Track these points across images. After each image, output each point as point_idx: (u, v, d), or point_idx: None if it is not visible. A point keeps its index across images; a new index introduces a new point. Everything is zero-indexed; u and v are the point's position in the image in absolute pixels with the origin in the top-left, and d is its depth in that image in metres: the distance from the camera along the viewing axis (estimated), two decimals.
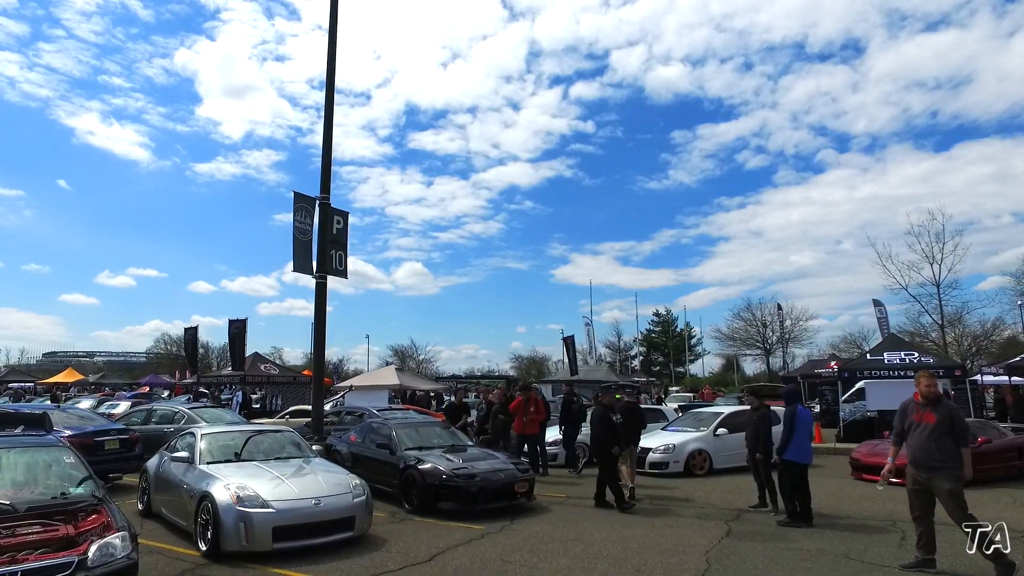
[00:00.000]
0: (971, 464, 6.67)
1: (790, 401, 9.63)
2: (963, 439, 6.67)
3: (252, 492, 7.38)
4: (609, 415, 10.57)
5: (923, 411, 6.75)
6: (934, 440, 6.55)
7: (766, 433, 10.04)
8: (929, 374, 7.10)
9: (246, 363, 25.88)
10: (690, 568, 6.86)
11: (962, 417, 6.78)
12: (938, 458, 6.56)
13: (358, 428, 12.27)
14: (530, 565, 6.96)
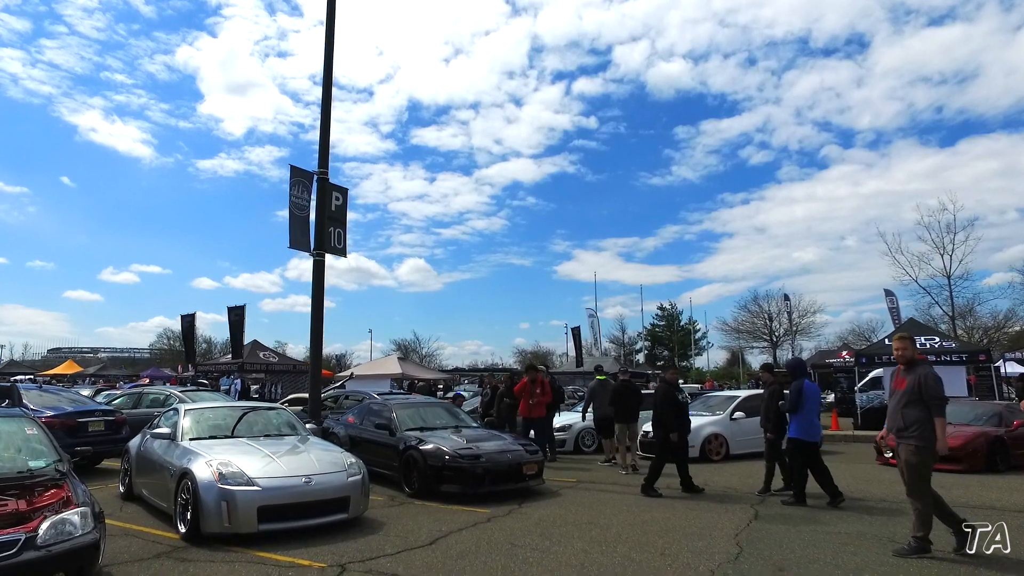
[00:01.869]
0: (944, 437, 5.99)
1: (796, 375, 8.98)
2: (933, 407, 6.05)
3: (236, 469, 6.70)
4: (674, 393, 9.74)
5: (900, 377, 6.39)
6: (902, 407, 6.18)
7: (775, 411, 9.37)
8: (901, 336, 6.61)
9: (244, 351, 25.26)
10: (720, 551, 6.17)
11: (935, 384, 6.11)
12: (902, 426, 6.15)
13: (356, 410, 11.58)
14: (542, 549, 6.27)
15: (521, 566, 5.68)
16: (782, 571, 5.55)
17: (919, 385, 6.12)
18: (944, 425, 6.04)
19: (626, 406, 12.14)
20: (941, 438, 5.98)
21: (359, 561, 5.84)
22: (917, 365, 6.36)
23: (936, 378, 6.18)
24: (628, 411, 12.16)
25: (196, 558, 5.99)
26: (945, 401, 6.12)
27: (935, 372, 6.31)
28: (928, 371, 6.25)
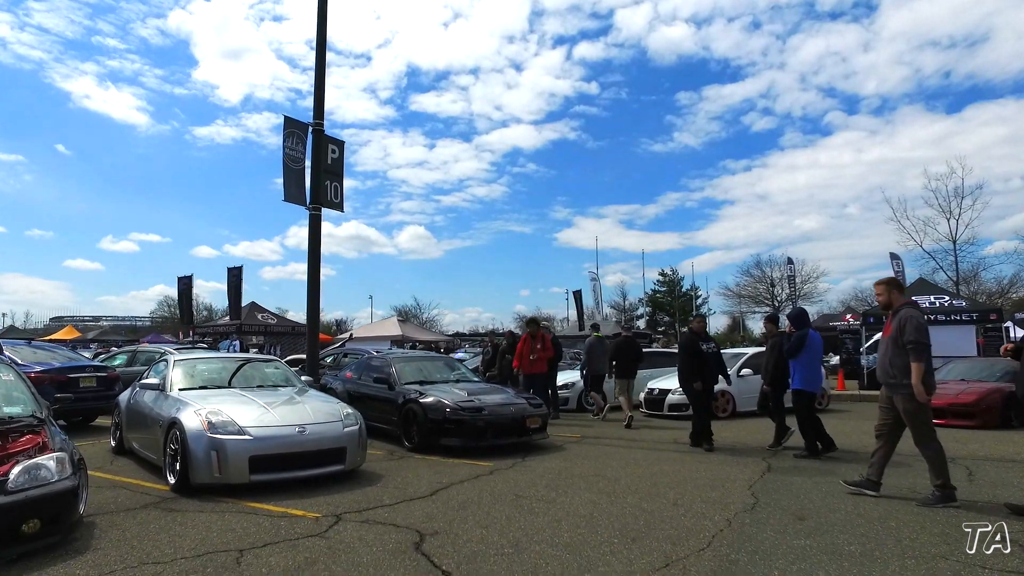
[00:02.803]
0: (920, 382, 5.66)
1: (799, 324, 8.64)
2: (912, 352, 5.71)
3: (226, 417, 6.38)
4: (696, 343, 9.33)
5: (887, 324, 6.12)
6: (890, 354, 5.91)
7: (775, 363, 9.03)
8: (880, 281, 6.27)
9: (243, 313, 24.94)
10: (736, 502, 5.87)
11: (916, 326, 5.76)
12: (891, 374, 5.89)
13: (354, 365, 11.25)
14: (548, 500, 5.97)
15: (527, 516, 5.38)
16: (803, 520, 5.25)
17: (900, 329, 5.81)
18: (920, 370, 5.68)
19: (626, 361, 12.15)
20: (916, 384, 5.66)
21: (355, 511, 5.54)
22: (900, 309, 6.00)
23: (917, 321, 5.84)
24: (627, 367, 12.16)
25: (185, 508, 5.69)
26: (923, 345, 5.77)
27: (918, 316, 5.94)
28: (910, 314, 5.90)
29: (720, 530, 4.96)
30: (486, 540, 4.70)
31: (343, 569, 4.10)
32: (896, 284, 6.28)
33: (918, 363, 5.69)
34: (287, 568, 4.12)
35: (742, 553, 4.40)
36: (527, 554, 4.38)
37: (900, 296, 6.18)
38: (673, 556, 4.34)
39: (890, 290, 6.17)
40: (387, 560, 4.27)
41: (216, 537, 4.81)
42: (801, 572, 4.02)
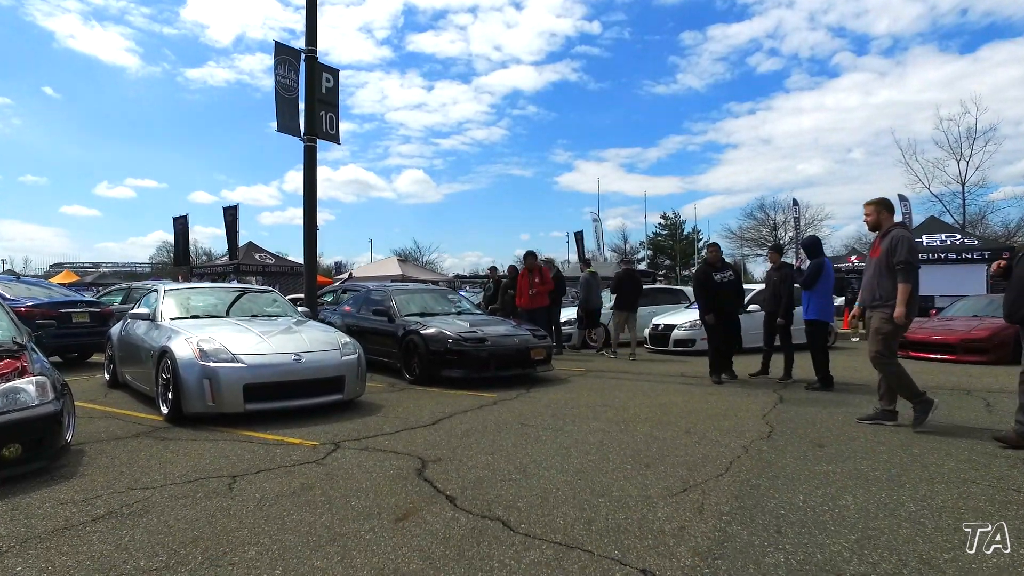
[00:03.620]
0: (905, 304, 5.42)
1: (813, 253, 8.30)
2: (901, 272, 5.45)
3: (218, 345, 6.10)
4: (708, 274, 9.03)
5: (875, 246, 5.88)
6: (875, 276, 5.71)
7: (788, 295, 8.73)
8: (870, 201, 5.90)
9: (240, 253, 24.61)
10: (750, 430, 5.63)
11: (909, 247, 5.48)
12: (877, 296, 5.67)
13: (353, 299, 10.94)
14: (556, 428, 5.74)
15: (533, 444, 5.15)
16: (822, 447, 5.01)
17: (890, 250, 5.52)
18: (907, 291, 5.45)
19: (627, 295, 12.09)
20: (902, 305, 5.43)
21: (354, 439, 5.31)
22: (891, 230, 5.70)
23: (910, 242, 5.54)
24: (628, 300, 12.09)
25: (178, 437, 5.46)
26: (914, 266, 5.49)
27: (910, 236, 5.66)
28: (902, 234, 5.61)
29: (737, 456, 4.73)
30: (492, 466, 4.46)
31: (340, 494, 3.86)
32: (886, 204, 5.92)
33: (906, 284, 5.46)
34: (281, 493, 3.89)
35: (763, 479, 4.17)
36: (536, 480, 4.15)
37: (890, 217, 5.89)
38: (691, 481, 4.11)
39: (880, 210, 5.85)
40: (387, 485, 4.03)
41: (208, 464, 4.58)
42: (827, 497, 3.78)
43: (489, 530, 3.27)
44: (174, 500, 3.78)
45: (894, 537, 3.16)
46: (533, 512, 3.53)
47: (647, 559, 2.91)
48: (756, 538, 3.16)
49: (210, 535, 3.23)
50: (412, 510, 3.57)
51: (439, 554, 2.97)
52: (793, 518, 3.43)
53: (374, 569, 2.82)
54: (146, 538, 3.19)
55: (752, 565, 2.84)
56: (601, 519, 3.42)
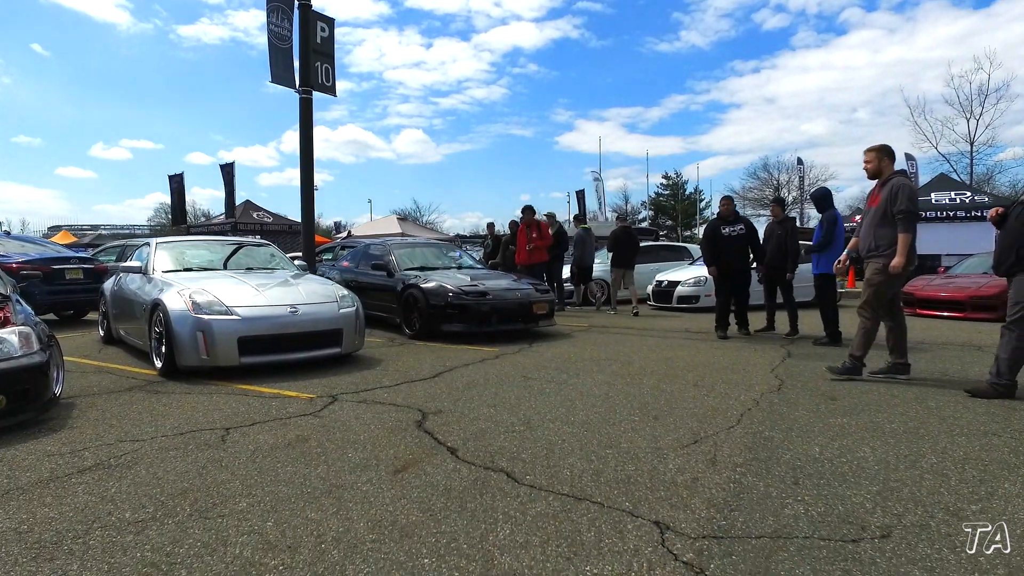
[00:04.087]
0: (905, 254, 5.22)
1: (824, 206, 8.05)
2: (901, 222, 5.23)
3: (212, 297, 5.91)
4: (716, 227, 8.82)
5: (873, 194, 5.65)
6: (874, 226, 5.49)
7: (794, 249, 8.50)
8: (871, 148, 5.62)
9: (237, 211, 24.30)
10: (760, 384, 5.48)
11: (909, 195, 5.25)
12: (872, 245, 5.48)
13: (351, 254, 10.72)
14: (560, 381, 5.58)
15: (537, 396, 4.99)
16: (835, 400, 4.86)
17: (890, 198, 5.28)
18: (907, 241, 5.24)
19: (623, 252, 12.02)
20: (902, 255, 5.23)
21: (352, 392, 5.16)
22: (892, 178, 5.45)
23: (911, 190, 5.31)
24: (625, 257, 12.03)
25: (171, 391, 5.31)
26: (915, 215, 5.27)
27: (911, 184, 5.43)
28: (902, 182, 5.37)
29: (748, 409, 4.58)
30: (494, 419, 4.31)
31: (337, 446, 3.71)
32: (887, 152, 5.64)
33: (906, 233, 5.25)
34: (275, 445, 3.74)
35: (776, 431, 4.01)
36: (540, 431, 3.99)
37: (891, 165, 5.62)
38: (701, 433, 3.95)
39: (881, 157, 5.58)
40: (386, 437, 3.88)
41: (201, 416, 4.43)
42: (844, 449, 3.63)
43: (492, 481, 3.11)
44: (164, 452, 3.63)
45: (917, 489, 3.01)
46: (538, 463, 3.38)
47: (660, 511, 2.76)
48: (773, 489, 3.00)
49: (200, 487, 3.08)
50: (411, 462, 3.42)
51: (440, 506, 2.82)
52: (810, 470, 3.28)
53: (371, 521, 2.66)
54: (133, 489, 3.05)
55: (771, 517, 2.69)
56: (610, 470, 3.27)
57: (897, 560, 2.31)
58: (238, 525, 2.64)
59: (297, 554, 2.38)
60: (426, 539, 2.50)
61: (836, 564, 2.28)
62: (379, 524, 2.63)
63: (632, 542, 2.46)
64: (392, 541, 2.48)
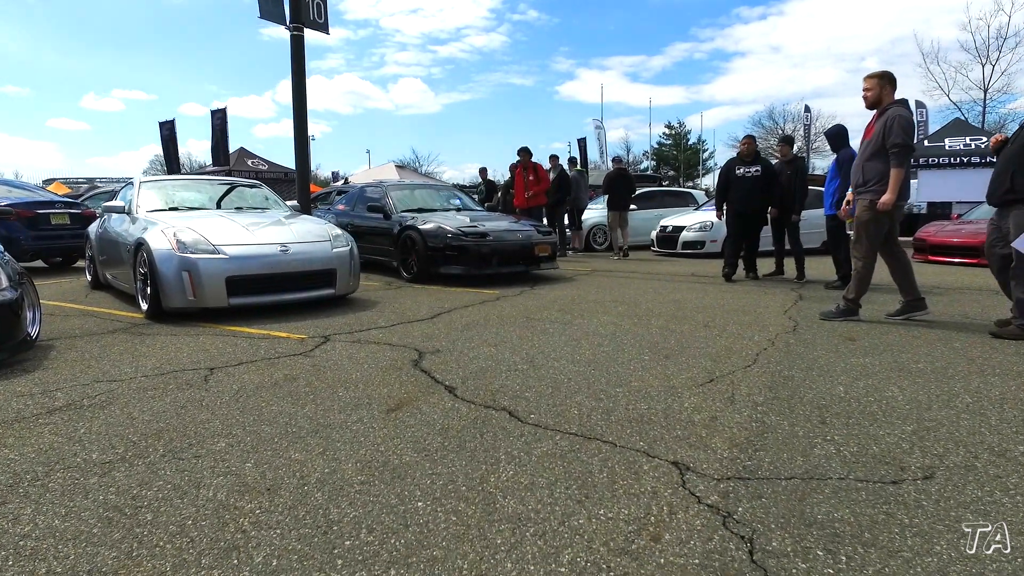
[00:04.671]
0: (896, 190, 4.89)
1: (839, 143, 7.65)
2: (895, 156, 4.88)
3: (198, 236, 5.60)
4: (730, 168, 8.43)
5: (869, 126, 5.25)
6: (865, 159, 5.16)
7: (801, 191, 8.14)
8: (872, 74, 5.23)
9: (231, 159, 23.74)
10: (773, 325, 5.22)
11: (904, 126, 4.85)
12: (861, 182, 5.17)
13: (347, 196, 10.35)
14: (564, 322, 5.32)
15: (540, 336, 4.73)
16: (854, 341, 4.60)
17: (884, 130, 4.91)
18: (899, 176, 4.90)
19: (619, 194, 11.85)
20: (893, 191, 4.90)
21: (346, 333, 4.90)
22: (889, 107, 5.04)
23: (906, 120, 4.90)
24: (620, 199, 11.86)
25: (156, 332, 5.05)
26: (908, 149, 4.91)
27: (908, 115, 4.98)
28: (898, 112, 4.94)
29: (764, 349, 4.32)
30: (495, 357, 4.06)
31: (327, 385, 3.46)
32: (889, 79, 5.20)
33: (899, 168, 4.90)
34: (261, 384, 3.49)
35: (795, 370, 3.76)
36: (545, 370, 3.74)
37: (892, 93, 5.18)
38: (716, 372, 3.70)
39: (883, 85, 5.15)
40: (379, 376, 3.63)
41: (185, 357, 4.17)
42: (870, 388, 3.38)
43: (494, 420, 2.87)
44: (142, 392, 3.38)
45: (955, 428, 2.77)
46: (543, 402, 3.13)
47: (678, 451, 2.51)
48: (799, 429, 2.76)
49: (177, 427, 2.83)
50: (406, 400, 3.17)
51: (436, 445, 2.58)
52: (836, 409, 3.03)
53: (360, 462, 2.42)
54: (104, 430, 2.80)
55: (800, 457, 2.45)
56: (621, 409, 3.02)
57: (945, 503, 2.07)
58: (214, 466, 2.39)
59: (276, 496, 2.14)
60: (420, 481, 2.25)
61: (878, 507, 2.04)
62: (369, 465, 2.39)
63: (649, 484, 2.22)
64: (383, 483, 2.24)
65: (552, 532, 1.89)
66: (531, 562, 1.74)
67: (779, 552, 1.78)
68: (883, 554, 1.77)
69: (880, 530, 1.90)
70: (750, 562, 1.73)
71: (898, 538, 1.86)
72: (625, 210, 12.03)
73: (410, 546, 1.82)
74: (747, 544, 1.82)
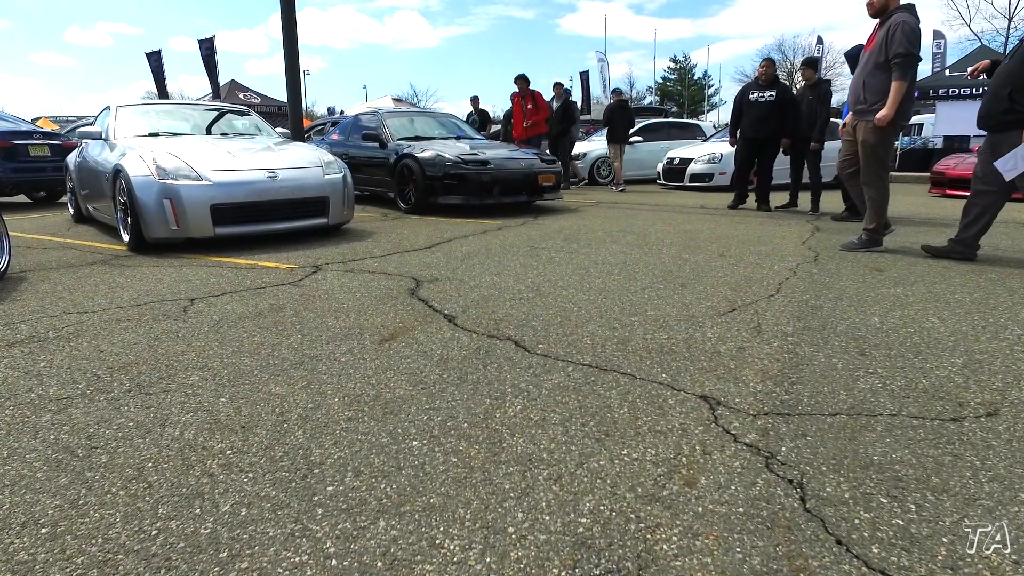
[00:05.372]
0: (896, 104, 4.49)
1: None
2: (898, 65, 4.46)
3: (179, 161, 5.22)
4: (746, 94, 7.94)
5: (871, 36, 4.81)
6: (867, 73, 4.72)
7: (824, 118, 7.64)
8: None
9: (222, 92, 22.91)
10: (792, 254, 4.91)
11: (908, 33, 4.40)
12: (863, 98, 4.74)
13: (341, 125, 9.86)
14: (571, 251, 5.00)
15: (545, 265, 4.43)
16: (881, 271, 4.30)
17: (886, 39, 4.47)
18: (901, 90, 4.48)
19: (618, 126, 11.47)
20: (893, 105, 4.50)
21: (339, 263, 4.59)
22: (892, 14, 4.56)
23: (911, 27, 4.44)
24: (620, 130, 11.48)
25: (137, 264, 4.74)
26: (912, 59, 4.47)
27: (913, 21, 4.50)
28: (902, 19, 4.48)
29: (786, 278, 4.02)
30: (498, 286, 3.76)
31: (315, 315, 3.17)
32: None
33: (901, 81, 4.48)
34: (244, 315, 3.20)
35: (823, 300, 3.47)
36: (552, 299, 3.45)
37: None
38: (738, 301, 3.41)
39: None
40: (372, 305, 3.34)
41: (165, 288, 3.88)
42: (907, 319, 3.09)
43: (498, 351, 2.59)
44: (114, 324, 3.10)
45: (1011, 361, 2.49)
46: (552, 331, 2.85)
47: (705, 383, 2.24)
48: (836, 361, 2.48)
49: (148, 360, 2.55)
50: (401, 330, 2.89)
51: (434, 378, 2.30)
52: (874, 340, 2.75)
53: (348, 396, 2.15)
54: (67, 364, 2.52)
55: (843, 391, 2.17)
56: (638, 339, 2.74)
57: (1018, 443, 1.80)
58: (184, 402, 2.12)
59: (251, 435, 1.87)
60: (416, 417, 1.98)
61: (941, 447, 1.77)
62: (358, 399, 2.12)
63: (677, 420, 1.95)
64: (373, 420, 1.97)
65: (569, 475, 1.63)
66: (545, 511, 1.47)
67: (835, 499, 1.52)
68: (958, 502, 1.51)
69: (948, 474, 1.64)
70: (803, 511, 1.47)
71: (972, 483, 1.59)
72: (624, 143, 11.68)
73: (403, 492, 1.56)
74: (797, 490, 1.56)
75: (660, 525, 1.42)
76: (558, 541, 1.36)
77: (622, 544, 1.35)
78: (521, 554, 1.32)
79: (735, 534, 1.38)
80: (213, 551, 1.33)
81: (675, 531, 1.39)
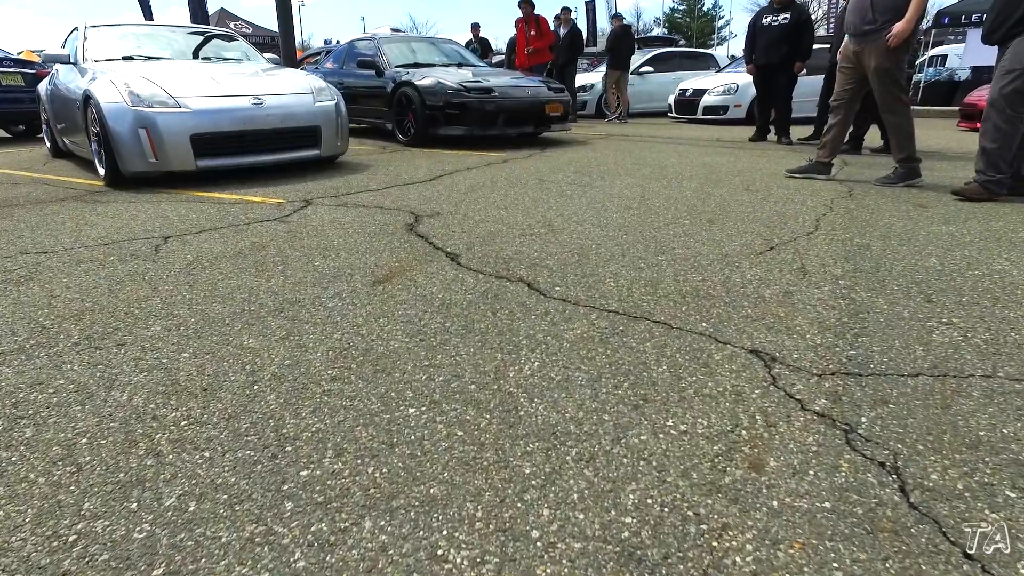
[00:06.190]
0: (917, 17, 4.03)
1: None
2: None
3: (154, 87, 4.75)
4: (759, 19, 7.35)
5: None
6: None
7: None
8: None
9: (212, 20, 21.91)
10: (825, 188, 4.51)
11: None
12: (871, 19, 4.24)
13: (335, 53, 9.25)
14: (582, 184, 4.60)
15: (556, 198, 4.04)
16: (925, 208, 3.91)
17: None
18: (920, 7, 4.00)
19: (620, 52, 11.04)
20: (910, 21, 4.05)
21: (331, 197, 4.20)
22: None
23: None
24: (622, 57, 11.03)
25: (112, 200, 4.36)
26: None
27: None
28: None
29: (823, 214, 3.63)
30: (506, 220, 3.39)
31: (302, 254, 2.81)
32: None
33: None
34: (222, 254, 2.84)
35: (870, 238, 3.09)
36: (567, 235, 3.08)
37: None
38: (774, 239, 3.03)
39: None
40: (366, 243, 2.97)
41: (138, 225, 3.51)
42: (971, 261, 2.72)
43: (509, 294, 2.24)
44: (74, 265, 2.74)
45: None
46: (569, 272, 2.49)
47: (755, 335, 1.89)
48: (902, 308, 2.13)
49: (105, 307, 2.21)
50: (398, 270, 2.53)
51: (435, 327, 1.96)
52: (939, 284, 2.39)
53: (332, 350, 1.81)
54: (11, 312, 2.19)
55: (918, 345, 1.83)
56: (668, 281, 2.38)
57: None
58: (138, 359, 1.79)
59: (213, 400, 1.54)
60: (413, 376, 1.65)
61: None
62: (344, 354, 1.78)
63: (728, 380, 1.61)
64: (361, 380, 1.63)
65: (604, 455, 1.30)
66: (578, 505, 1.15)
67: (946, 491, 1.19)
68: None
69: None
70: (907, 507, 1.14)
71: None
72: (626, 70, 11.18)
73: (396, 479, 1.23)
74: (893, 476, 1.23)
75: (728, 527, 1.09)
76: (597, 551, 1.04)
77: (682, 556, 1.03)
78: (551, 571, 1.00)
79: (827, 541, 1.06)
80: (144, 567, 1.01)
81: (748, 536, 1.07)
